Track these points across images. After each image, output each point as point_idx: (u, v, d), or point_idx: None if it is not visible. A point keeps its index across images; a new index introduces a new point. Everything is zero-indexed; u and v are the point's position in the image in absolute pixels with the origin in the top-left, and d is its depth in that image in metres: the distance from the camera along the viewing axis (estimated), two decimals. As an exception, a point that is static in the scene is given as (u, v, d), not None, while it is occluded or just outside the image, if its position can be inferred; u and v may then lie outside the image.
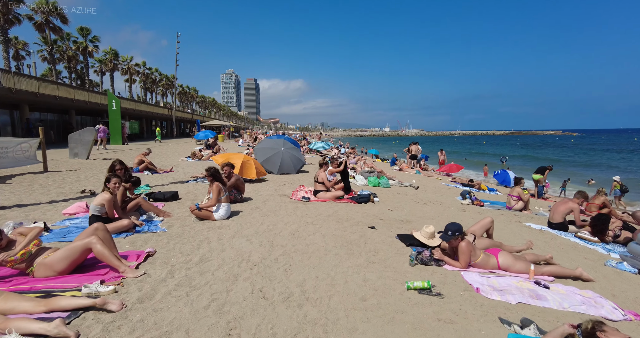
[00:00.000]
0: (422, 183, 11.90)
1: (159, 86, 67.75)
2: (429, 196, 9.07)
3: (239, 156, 9.05)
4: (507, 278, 3.44)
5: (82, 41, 43.00)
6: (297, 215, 5.78)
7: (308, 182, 9.85)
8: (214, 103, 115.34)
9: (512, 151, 52.42)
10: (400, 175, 13.99)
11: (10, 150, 8.83)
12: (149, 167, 10.58)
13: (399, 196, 8.40)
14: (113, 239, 3.49)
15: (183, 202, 6.55)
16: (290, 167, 11.41)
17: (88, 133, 13.53)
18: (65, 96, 23.65)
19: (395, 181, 10.60)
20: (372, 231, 5.04)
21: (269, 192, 7.89)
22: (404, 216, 6.23)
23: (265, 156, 11.28)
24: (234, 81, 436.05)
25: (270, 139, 13.10)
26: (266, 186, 8.83)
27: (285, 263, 3.66)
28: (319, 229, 4.98)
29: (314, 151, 25.27)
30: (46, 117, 27.14)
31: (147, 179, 9.10)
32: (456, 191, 10.74)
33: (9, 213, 5.27)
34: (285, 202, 6.83)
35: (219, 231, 4.73)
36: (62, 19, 36.42)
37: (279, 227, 5.02)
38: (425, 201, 8.07)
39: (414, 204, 7.53)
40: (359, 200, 7.01)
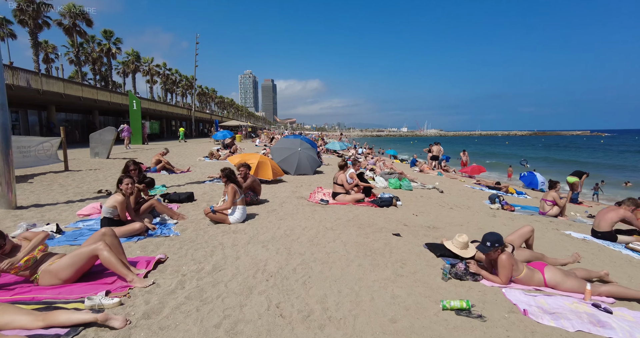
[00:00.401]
0: (445, 186, 11.36)
1: (179, 86, 69.15)
2: (454, 199, 8.56)
3: (255, 156, 8.84)
4: (558, 298, 2.99)
5: (106, 43, 44.32)
6: (315, 219, 5.46)
7: (325, 183, 9.53)
8: (232, 104, 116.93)
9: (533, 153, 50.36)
10: (422, 177, 13.45)
11: (32, 149, 8.93)
12: (167, 167, 10.54)
13: (423, 200, 7.95)
14: (121, 245, 3.27)
15: (198, 203, 6.37)
16: (307, 168, 11.13)
17: (108, 133, 13.70)
18: (89, 97, 24.28)
19: (417, 183, 10.13)
20: (397, 239, 4.66)
21: (286, 194, 7.61)
22: (430, 222, 5.80)
23: (282, 156, 11.04)
24: (251, 82, 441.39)
25: (287, 139, 12.89)
26: (283, 187, 8.57)
27: (304, 274, 3.34)
28: (339, 235, 4.64)
29: (331, 151, 24.93)
30: (71, 117, 27.99)
31: (164, 179, 9.03)
32: (483, 195, 10.15)
33: (26, 213, 5.21)
34: (302, 205, 6.53)
35: (234, 236, 4.47)
36: (87, 23, 37.64)
37: (296, 232, 4.71)
38: (451, 206, 7.59)
39: (440, 209, 7.07)
40: (380, 204, 6.62)
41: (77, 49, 39.30)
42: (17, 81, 17.90)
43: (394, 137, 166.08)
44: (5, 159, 5.26)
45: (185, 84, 69.17)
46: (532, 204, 9.19)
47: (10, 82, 17.45)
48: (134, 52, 52.89)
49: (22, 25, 31.50)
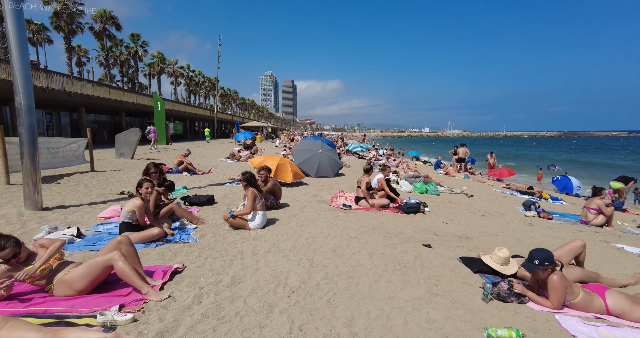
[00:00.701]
0: (473, 190, 10.79)
1: (202, 88, 70.72)
2: (485, 205, 8.05)
3: (275, 158, 8.66)
4: (627, 330, 2.57)
5: (133, 46, 45.89)
6: (338, 227, 5.18)
7: (347, 186, 9.23)
8: (253, 105, 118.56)
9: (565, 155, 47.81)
10: (448, 180, 12.89)
11: (60, 150, 9.16)
12: (189, 168, 10.57)
13: (452, 206, 7.50)
14: (137, 253, 3.12)
15: (219, 207, 6.24)
16: (328, 170, 10.86)
17: (133, 134, 13.97)
18: (116, 98, 25.07)
19: (444, 188, 9.65)
20: (428, 250, 4.31)
21: (307, 197, 7.38)
22: (462, 231, 5.40)
23: (303, 158, 10.83)
24: (272, 83, 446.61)
25: (307, 141, 12.68)
26: (303, 190, 8.34)
27: (328, 290, 3.08)
28: (365, 245, 4.35)
29: (351, 152, 24.55)
30: (100, 118, 29.03)
31: (186, 181, 9.02)
32: (515, 200, 9.54)
33: (50, 215, 5.23)
34: (324, 210, 6.27)
35: (254, 243, 4.27)
36: (116, 27, 39.05)
37: (318, 241, 4.46)
38: (482, 212, 7.11)
39: (471, 216, 6.62)
40: (406, 210, 6.26)
41: (106, 52, 40.91)
42: (51, 84, 18.66)
43: (415, 138, 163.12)
44: (32, 161, 5.31)
45: (208, 86, 70.68)
46: (570, 211, 8.52)
47: (45, 85, 18.22)
48: (159, 55, 54.48)
49: (58, 31, 33.04)
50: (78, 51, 48.57)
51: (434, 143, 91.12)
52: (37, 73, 18.03)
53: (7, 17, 4.97)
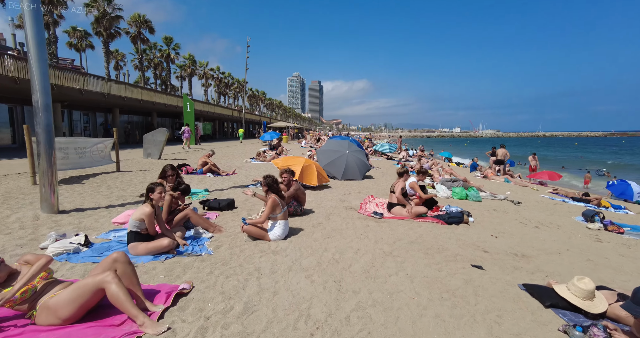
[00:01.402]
0: (517, 195, 9.73)
1: (231, 89, 72.13)
2: (535, 214, 7.08)
3: (300, 160, 8.13)
4: None
5: (166, 49, 47.44)
6: (369, 239, 4.55)
7: (376, 191, 8.53)
8: (280, 105, 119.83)
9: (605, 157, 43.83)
10: (487, 184, 11.81)
11: (87, 150, 9.16)
12: (213, 169, 10.30)
13: (497, 215, 6.62)
14: (136, 273, 2.67)
15: (239, 212, 5.79)
16: (356, 172, 10.20)
17: (160, 134, 14.02)
18: (147, 99, 25.76)
19: (486, 193, 8.70)
20: (480, 273, 3.58)
21: (333, 203, 6.78)
22: (516, 248, 4.58)
23: (329, 159, 10.25)
24: (299, 84, 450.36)
25: (333, 141, 12.07)
26: (329, 194, 7.75)
27: (361, 328, 2.46)
28: (402, 265, 3.68)
29: (379, 153, 23.64)
30: (132, 119, 30.05)
31: (209, 183, 8.72)
32: (568, 208, 8.42)
33: (65, 219, 5.00)
34: (352, 218, 5.65)
35: (274, 258, 3.73)
36: (150, 30, 40.44)
37: (347, 257, 3.85)
38: (535, 223, 6.18)
39: (522, 228, 5.73)
40: (448, 220, 5.50)
41: (140, 55, 42.48)
42: (87, 86, 19.34)
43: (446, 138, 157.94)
44: (49, 161, 5.11)
45: (237, 87, 71.98)
46: (639, 223, 7.34)
47: (81, 87, 18.90)
48: (190, 57, 56.08)
49: (98, 36, 34.65)
50: (116, 55, 51.01)
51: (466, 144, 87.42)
52: (75, 76, 18.74)
53: (25, 17, 4.80)
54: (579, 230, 5.95)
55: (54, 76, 16.89)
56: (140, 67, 44.43)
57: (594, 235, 5.70)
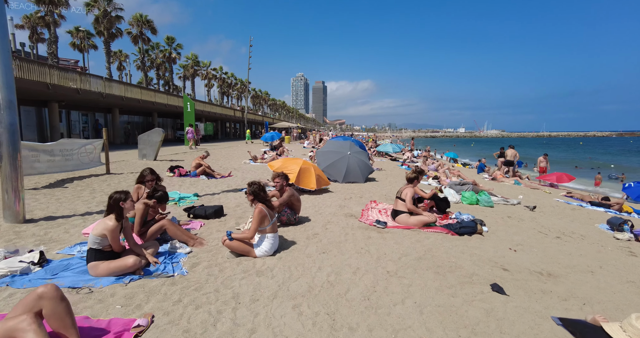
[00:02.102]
0: (529, 199, 9.10)
1: (234, 89, 71.88)
2: (554, 221, 6.45)
3: (297, 162, 7.56)
4: None
5: (168, 49, 47.18)
6: (371, 254, 3.96)
7: (379, 195, 7.94)
8: (283, 106, 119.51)
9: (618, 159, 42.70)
10: (498, 187, 11.16)
11: (75, 152, 8.67)
12: (207, 171, 9.78)
13: (513, 223, 6.00)
14: (71, 311, 2.11)
15: (227, 220, 5.24)
16: (358, 175, 9.61)
17: (155, 134, 13.53)
18: (147, 99, 25.36)
19: (497, 197, 8.06)
20: (502, 299, 2.99)
21: (332, 209, 6.20)
22: (541, 264, 3.97)
23: (329, 161, 9.67)
24: (303, 84, 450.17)
25: (334, 141, 11.47)
26: (328, 199, 7.17)
27: (358, 387, 1.89)
28: (409, 289, 3.10)
29: (383, 154, 23.01)
30: (132, 119, 29.69)
31: (201, 186, 8.18)
32: (588, 214, 7.77)
33: (30, 229, 4.47)
34: (352, 227, 5.06)
35: (257, 280, 3.17)
36: (152, 30, 40.17)
37: (344, 279, 3.27)
38: (555, 232, 5.55)
39: (543, 239, 5.11)
40: (459, 230, 4.89)
41: (142, 55, 42.22)
42: (84, 85, 18.94)
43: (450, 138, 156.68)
44: (13, 164, 4.60)
45: (240, 87, 71.68)
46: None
47: (78, 86, 18.50)
48: (193, 56, 55.79)
49: (99, 36, 34.42)
50: (119, 56, 50.92)
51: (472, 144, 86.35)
52: (72, 75, 18.35)
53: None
54: (607, 242, 5.32)
55: (49, 75, 16.51)
56: (143, 67, 44.18)
57: (625, 247, 5.07)
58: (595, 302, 3.07)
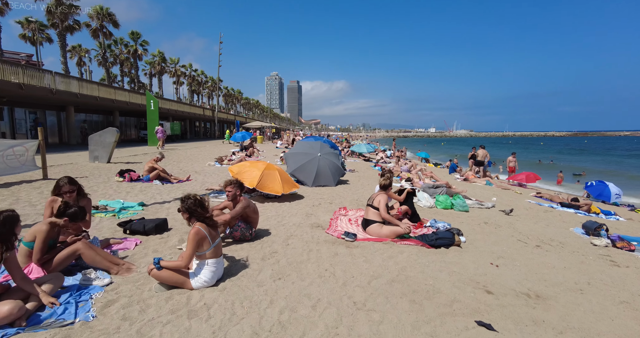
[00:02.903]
0: (503, 201, 8.91)
1: (205, 87, 69.54)
2: (530, 227, 6.15)
3: (259, 165, 6.82)
4: None
5: (133, 44, 44.65)
6: (336, 279, 3.34)
7: (351, 200, 7.37)
8: (257, 105, 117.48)
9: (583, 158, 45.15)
10: (471, 188, 10.96)
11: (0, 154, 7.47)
12: (162, 175, 8.83)
13: (490, 230, 5.61)
14: None
15: (171, 236, 4.45)
16: (329, 178, 9.02)
17: (109, 134, 12.27)
18: (106, 97, 23.53)
19: (472, 201, 7.74)
20: (490, 336, 2.46)
21: (297, 218, 5.54)
22: (526, 282, 3.52)
23: (298, 163, 9.00)
24: (277, 84, 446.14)
25: (305, 142, 10.79)
26: (295, 206, 6.51)
27: None
28: (380, 329, 2.50)
29: (356, 154, 22.63)
30: (91, 118, 27.58)
31: (151, 193, 7.26)
32: (561, 216, 7.62)
33: None
34: (318, 241, 4.43)
35: (186, 325, 2.45)
36: (114, 24, 37.78)
37: (300, 317, 2.62)
38: (534, 240, 5.21)
39: (523, 249, 4.73)
40: (435, 243, 4.39)
41: (103, 50, 39.60)
42: (29, 80, 17.11)
43: (422, 138, 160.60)
44: None
45: (211, 85, 69.42)
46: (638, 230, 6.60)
47: (21, 81, 16.67)
48: (159, 53, 53.28)
49: (54, 28, 31.77)
50: (79, 50, 47.56)
51: (443, 143, 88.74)
52: (13, 68, 16.50)
53: None
54: (586, 249, 5.02)
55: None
56: (104, 63, 41.50)
57: (605, 255, 4.78)
58: (595, 333, 2.62)
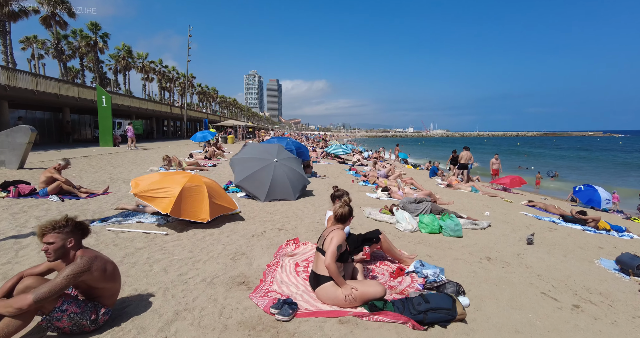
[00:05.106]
0: (495, 213, 7.41)
1: (177, 85, 66.01)
2: (546, 261, 4.54)
3: (179, 179, 4.83)
4: None
5: (92, 36, 41.05)
6: None
7: (309, 222, 5.53)
8: (234, 103, 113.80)
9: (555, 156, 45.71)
10: (456, 196, 9.40)
11: None
12: (64, 188, 6.70)
13: (496, 271, 3.93)
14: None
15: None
16: (287, 190, 7.16)
17: (21, 134, 9.89)
18: (47, 91, 20.59)
19: (464, 219, 6.10)
20: None
21: (217, 265, 3.63)
22: None
23: (247, 171, 7.07)
24: (256, 82, 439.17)
25: (257, 145, 8.68)
26: (225, 237, 4.58)
27: None
28: None
29: (332, 156, 20.83)
30: (34, 115, 24.38)
31: (35, 215, 5.14)
32: (571, 238, 6.13)
33: None
34: (225, 327, 2.54)
35: None
36: (69, 13, 34.31)
37: None
38: (566, 293, 3.57)
39: (557, 314, 3.06)
40: (426, 318, 2.63)
41: (56, 41, 35.96)
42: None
43: (400, 137, 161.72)
44: None
45: (183, 82, 65.85)
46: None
47: None
48: (125, 47, 49.71)
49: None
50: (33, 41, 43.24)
51: (421, 143, 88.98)
52: None
53: None
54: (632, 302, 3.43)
55: None
56: (59, 56, 37.79)
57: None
58: None
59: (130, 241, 4.17)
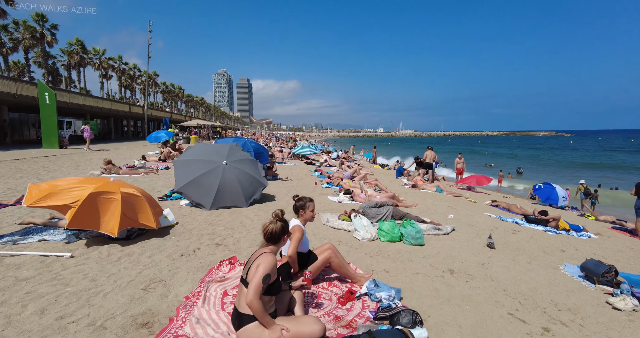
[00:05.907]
0: (459, 215, 7.12)
1: (139, 83, 62.46)
2: (511, 271, 4.18)
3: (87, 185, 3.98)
4: None
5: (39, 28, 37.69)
6: None
7: (256, 234, 4.86)
8: (202, 102, 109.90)
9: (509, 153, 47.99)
10: (420, 197, 9.08)
11: None
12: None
13: (460, 288, 3.47)
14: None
15: None
16: (237, 196, 6.42)
17: None
18: (-25, 87, 18.31)
19: (427, 224, 5.67)
20: None
21: (129, 293, 2.88)
22: None
23: (189, 176, 6.24)
24: (226, 81, 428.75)
25: (205, 145, 7.71)
26: (151, 254, 3.82)
27: None
28: None
29: (299, 156, 20.19)
30: (-37, 114, 21.72)
31: None
32: (534, 240, 5.91)
33: None
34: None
35: None
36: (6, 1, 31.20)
37: None
38: (535, 312, 3.17)
39: (527, 344, 2.63)
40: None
41: (-8, 32, 32.58)
42: None
43: (370, 137, 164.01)
44: None
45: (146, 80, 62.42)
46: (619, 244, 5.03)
47: None
48: (78, 42, 46.17)
49: None
50: (-31, 35, 38.97)
51: (390, 143, 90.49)
52: None
53: None
54: (617, 324, 3.08)
55: None
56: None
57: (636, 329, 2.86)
58: None
59: (16, 268, 3.29)
